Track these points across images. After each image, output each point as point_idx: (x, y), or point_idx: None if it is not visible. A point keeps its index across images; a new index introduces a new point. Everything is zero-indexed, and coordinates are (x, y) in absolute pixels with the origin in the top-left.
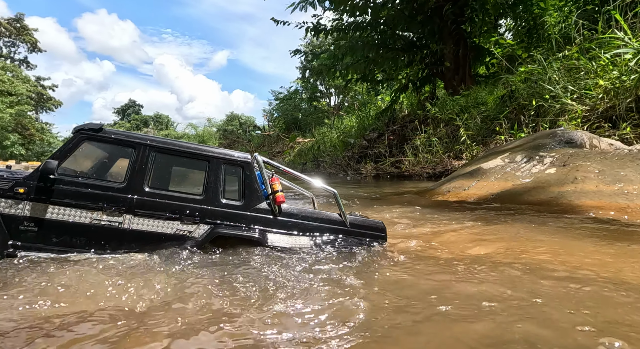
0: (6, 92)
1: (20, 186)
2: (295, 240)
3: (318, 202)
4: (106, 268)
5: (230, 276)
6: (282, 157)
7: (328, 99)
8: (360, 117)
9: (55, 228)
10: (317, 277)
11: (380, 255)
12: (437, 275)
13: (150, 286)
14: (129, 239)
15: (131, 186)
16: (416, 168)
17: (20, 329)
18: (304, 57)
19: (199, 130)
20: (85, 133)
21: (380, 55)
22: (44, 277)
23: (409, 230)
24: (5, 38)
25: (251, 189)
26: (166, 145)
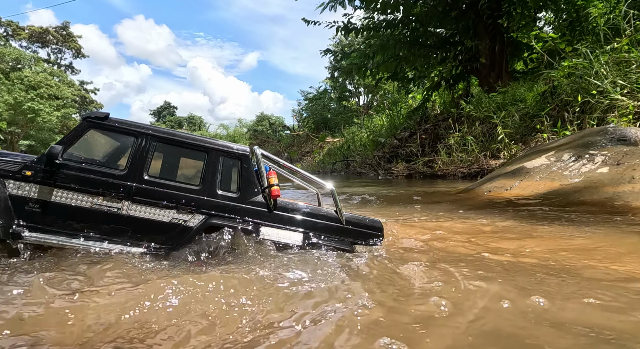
0: (53, 96)
1: (27, 169)
2: (288, 235)
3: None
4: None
5: (225, 272)
6: (311, 157)
7: (357, 98)
8: (391, 116)
9: (58, 210)
10: (304, 277)
11: (394, 255)
12: (488, 280)
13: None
14: (126, 225)
15: (131, 174)
16: (450, 168)
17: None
18: (334, 56)
19: (230, 130)
20: (91, 121)
21: (411, 52)
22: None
23: (454, 229)
24: (53, 45)
25: (248, 182)
26: (167, 135)
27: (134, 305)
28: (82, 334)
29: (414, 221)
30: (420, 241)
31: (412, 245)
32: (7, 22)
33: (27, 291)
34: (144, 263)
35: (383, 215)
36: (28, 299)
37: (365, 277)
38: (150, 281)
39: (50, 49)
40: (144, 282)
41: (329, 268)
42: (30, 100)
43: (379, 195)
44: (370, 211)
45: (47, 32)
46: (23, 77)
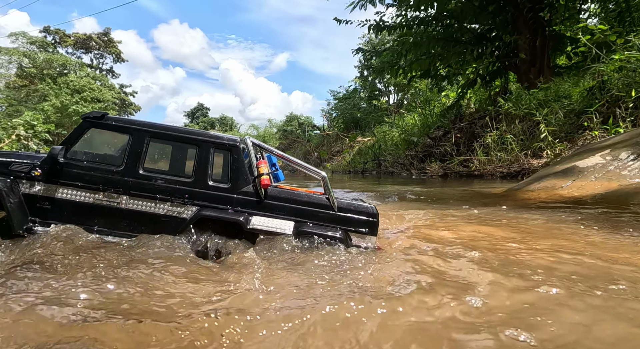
0: (96, 99)
1: (36, 169)
2: (278, 223)
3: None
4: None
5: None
6: (341, 156)
7: (387, 97)
8: (424, 114)
9: (64, 206)
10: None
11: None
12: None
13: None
14: (125, 218)
15: (128, 170)
16: (488, 167)
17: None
18: (364, 55)
19: (260, 130)
20: (90, 121)
21: (445, 50)
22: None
23: (508, 230)
24: (96, 51)
25: (238, 172)
26: (159, 130)
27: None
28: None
29: (472, 221)
30: (487, 242)
31: (479, 246)
32: (55, 30)
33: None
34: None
35: (440, 215)
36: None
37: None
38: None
39: (93, 54)
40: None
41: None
42: (75, 103)
43: (423, 194)
44: (424, 210)
45: (90, 38)
46: (69, 81)
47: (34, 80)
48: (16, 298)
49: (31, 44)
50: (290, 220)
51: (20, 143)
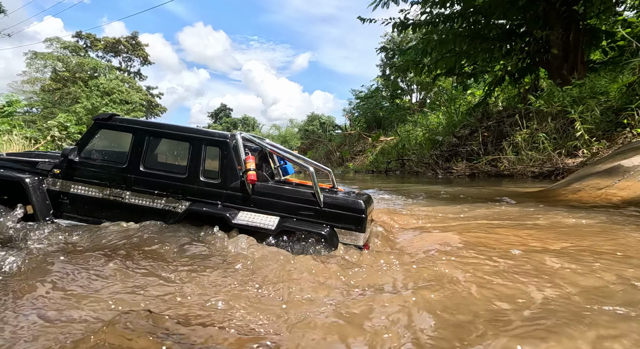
0: (124, 101)
1: (57, 167)
2: (263, 219)
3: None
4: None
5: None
6: (363, 156)
7: (409, 96)
8: (449, 113)
9: (79, 201)
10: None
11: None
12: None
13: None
14: (128, 212)
15: (130, 167)
16: (518, 167)
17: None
18: (385, 54)
19: (282, 130)
20: (100, 122)
21: (472, 47)
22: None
23: (558, 233)
24: (124, 54)
25: (228, 168)
26: (157, 129)
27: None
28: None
29: (515, 222)
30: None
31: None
32: (87, 34)
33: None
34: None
35: (482, 215)
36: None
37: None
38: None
39: (122, 57)
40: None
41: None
42: (105, 105)
43: (455, 193)
44: (463, 212)
45: (119, 42)
46: (99, 84)
47: (66, 83)
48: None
49: (64, 49)
50: (276, 215)
51: (54, 143)
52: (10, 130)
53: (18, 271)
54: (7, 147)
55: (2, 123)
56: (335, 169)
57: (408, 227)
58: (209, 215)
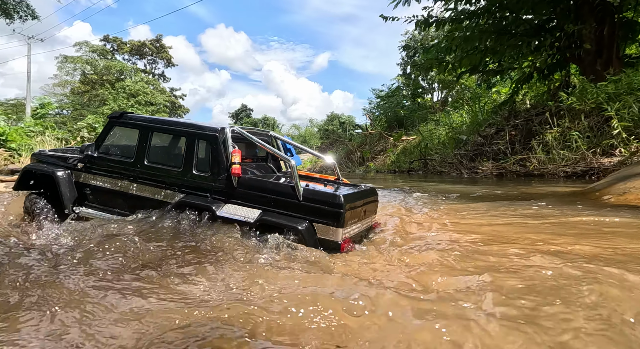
0: (149, 102)
1: (81, 162)
2: (245, 212)
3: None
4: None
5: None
6: (385, 155)
7: (430, 95)
8: (473, 111)
9: (98, 192)
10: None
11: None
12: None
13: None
14: (136, 202)
15: (136, 161)
16: (549, 167)
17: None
18: (406, 52)
19: (302, 130)
20: (113, 119)
21: (499, 43)
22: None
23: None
24: (149, 56)
25: (217, 161)
26: (158, 125)
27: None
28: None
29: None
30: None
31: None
32: (114, 38)
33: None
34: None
35: (521, 215)
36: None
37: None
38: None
39: (147, 60)
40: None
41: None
42: (131, 106)
43: (486, 193)
44: (494, 209)
45: (144, 45)
46: (125, 86)
47: (95, 85)
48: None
49: (93, 52)
50: (258, 208)
51: (84, 143)
52: (43, 131)
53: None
54: (40, 147)
55: (35, 125)
56: (357, 169)
57: (428, 227)
58: (197, 207)
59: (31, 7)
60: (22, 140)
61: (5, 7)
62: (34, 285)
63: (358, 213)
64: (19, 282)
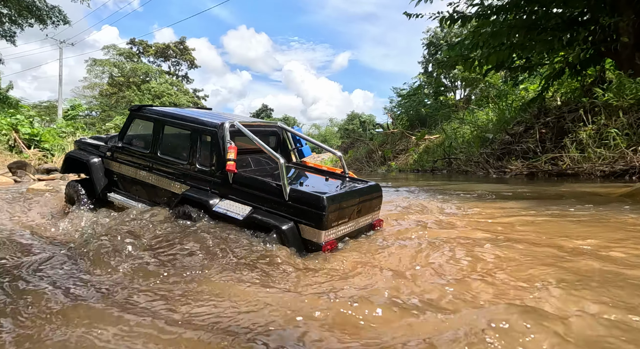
0: (173, 103)
1: (110, 151)
2: (237, 208)
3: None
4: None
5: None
6: (406, 155)
7: (453, 93)
8: (500, 109)
9: (123, 180)
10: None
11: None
12: None
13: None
14: (152, 191)
15: (152, 152)
16: (584, 166)
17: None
18: (428, 50)
19: (322, 130)
20: (133, 112)
21: (528, 38)
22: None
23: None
24: (173, 59)
25: (216, 156)
26: (168, 118)
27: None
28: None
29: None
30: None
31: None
32: (139, 41)
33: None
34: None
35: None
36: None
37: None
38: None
39: (171, 62)
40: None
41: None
42: None
43: (525, 194)
44: (539, 211)
45: (168, 47)
46: (150, 88)
47: (122, 87)
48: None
49: (120, 55)
50: (249, 205)
51: (109, 134)
52: (74, 131)
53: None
54: (71, 147)
55: (67, 126)
56: (378, 168)
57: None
58: (196, 201)
59: (63, 13)
60: (54, 141)
61: (39, 13)
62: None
63: (348, 212)
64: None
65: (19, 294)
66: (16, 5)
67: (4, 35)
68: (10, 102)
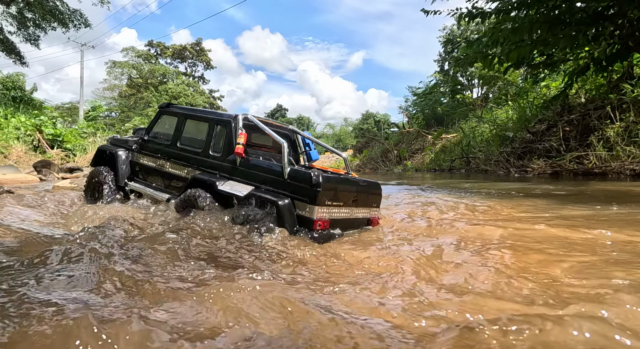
0: (189, 104)
1: (135, 144)
2: (240, 187)
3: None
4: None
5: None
6: (422, 154)
7: (470, 91)
8: (520, 107)
9: (144, 169)
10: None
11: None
12: None
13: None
14: (168, 178)
15: (172, 143)
16: (613, 164)
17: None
18: (444, 48)
19: (336, 129)
20: (161, 109)
21: (551, 34)
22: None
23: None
24: (189, 60)
25: (227, 144)
26: (191, 113)
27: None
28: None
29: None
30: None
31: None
32: (157, 43)
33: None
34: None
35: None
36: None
37: None
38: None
39: (187, 63)
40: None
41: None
42: None
43: (553, 193)
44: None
45: (185, 49)
46: (167, 89)
47: (140, 89)
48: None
49: (138, 57)
50: (251, 185)
51: (136, 127)
52: (94, 132)
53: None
54: (92, 147)
55: (88, 126)
56: (394, 168)
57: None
58: (204, 182)
59: (84, 16)
60: (76, 141)
61: (62, 17)
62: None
63: (344, 197)
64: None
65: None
66: (40, 10)
67: (28, 39)
68: (35, 104)
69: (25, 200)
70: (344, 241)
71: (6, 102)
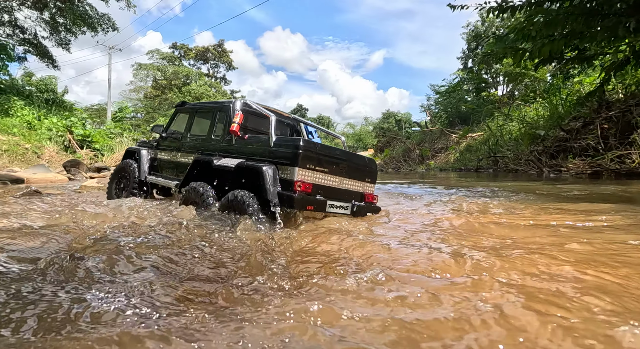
0: None
1: (155, 141)
2: (232, 161)
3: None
4: None
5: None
6: (446, 154)
7: (495, 89)
8: (552, 104)
9: (161, 163)
10: None
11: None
12: None
13: None
14: (176, 167)
15: (183, 136)
16: None
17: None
18: (467, 45)
19: (357, 129)
20: (177, 108)
21: (587, 26)
22: None
23: None
24: (212, 61)
25: (225, 126)
26: (199, 106)
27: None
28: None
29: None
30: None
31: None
32: (180, 45)
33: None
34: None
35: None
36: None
37: None
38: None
39: (210, 64)
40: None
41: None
42: None
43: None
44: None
45: (207, 50)
46: (190, 90)
47: (164, 90)
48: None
49: (162, 59)
50: (242, 158)
51: (154, 124)
52: (121, 133)
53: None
54: (119, 147)
55: (115, 127)
56: (417, 167)
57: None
58: (203, 161)
59: (112, 20)
60: (104, 141)
61: (91, 21)
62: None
63: (330, 164)
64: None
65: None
66: (71, 15)
67: (60, 43)
68: (66, 106)
69: (48, 201)
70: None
71: (39, 104)
